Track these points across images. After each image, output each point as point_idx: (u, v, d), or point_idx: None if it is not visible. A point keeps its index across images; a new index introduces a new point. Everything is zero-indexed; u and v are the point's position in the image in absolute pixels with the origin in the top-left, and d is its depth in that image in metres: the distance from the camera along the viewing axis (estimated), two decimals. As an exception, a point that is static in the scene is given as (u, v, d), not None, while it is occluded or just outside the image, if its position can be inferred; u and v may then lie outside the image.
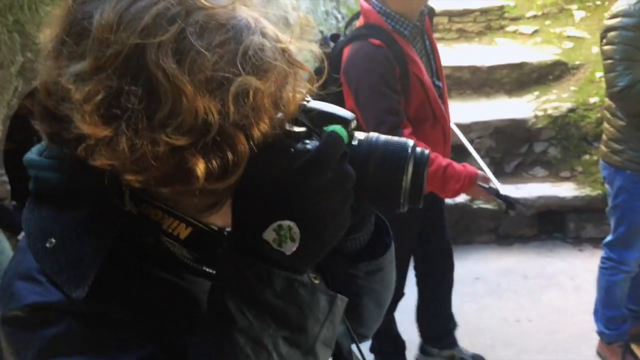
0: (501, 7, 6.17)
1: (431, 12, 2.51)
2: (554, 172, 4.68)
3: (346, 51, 2.33)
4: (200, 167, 0.65)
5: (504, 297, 3.64)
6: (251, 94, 0.66)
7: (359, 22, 2.43)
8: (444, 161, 2.34)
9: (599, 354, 3.09)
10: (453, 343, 3.00)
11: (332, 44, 2.45)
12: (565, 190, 4.40)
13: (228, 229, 0.78)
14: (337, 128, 0.71)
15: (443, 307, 2.97)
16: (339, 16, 5.25)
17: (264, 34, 0.68)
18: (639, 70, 2.54)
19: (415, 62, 2.33)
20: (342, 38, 2.48)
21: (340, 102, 2.38)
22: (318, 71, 0.81)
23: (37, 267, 0.71)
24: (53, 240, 0.71)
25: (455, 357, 2.97)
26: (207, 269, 0.78)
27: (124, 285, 0.72)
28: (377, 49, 2.25)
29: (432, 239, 2.83)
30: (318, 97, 0.77)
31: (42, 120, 0.71)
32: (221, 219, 0.76)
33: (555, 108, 4.76)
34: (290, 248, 0.67)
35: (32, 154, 0.79)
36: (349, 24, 2.68)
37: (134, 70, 0.63)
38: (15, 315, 0.69)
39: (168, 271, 0.76)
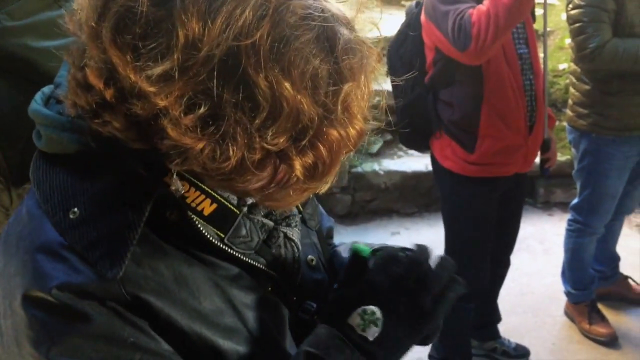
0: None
1: None
2: (525, 139, 4.73)
3: None
4: (298, 167, 0.63)
5: (476, 261, 3.71)
6: (350, 99, 0.64)
7: None
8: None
9: (566, 313, 3.18)
10: (495, 335, 2.88)
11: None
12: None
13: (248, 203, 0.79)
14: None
15: (490, 298, 2.82)
16: None
17: (338, 20, 0.64)
18: (606, 32, 2.57)
19: None
20: None
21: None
22: None
23: (60, 240, 0.66)
24: (76, 210, 0.66)
25: (498, 349, 2.87)
26: (230, 251, 0.75)
27: (155, 266, 0.68)
28: None
29: (500, 231, 2.54)
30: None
31: (87, 101, 0.64)
32: None
33: (526, 75, 4.79)
34: (373, 333, 0.75)
35: (39, 105, 0.73)
36: None
37: (232, 76, 0.58)
38: (43, 298, 0.64)
39: (188, 251, 0.72)
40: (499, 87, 2.20)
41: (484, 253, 2.48)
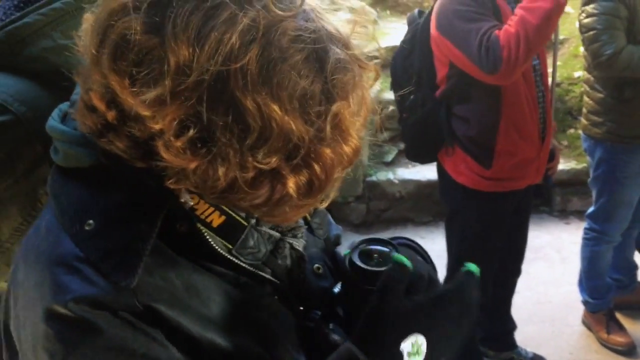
0: (486, -16, 6.14)
1: None
2: (540, 147, 4.71)
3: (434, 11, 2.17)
4: (292, 186, 0.64)
5: (492, 270, 3.69)
6: (341, 118, 0.64)
7: None
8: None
9: (584, 322, 3.15)
10: (512, 345, 2.84)
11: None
12: (551, 164, 4.44)
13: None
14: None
15: (502, 307, 2.79)
16: None
17: (332, 39, 0.64)
18: (620, 39, 2.57)
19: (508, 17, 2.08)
20: None
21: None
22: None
23: (75, 253, 0.68)
24: (92, 222, 0.68)
25: (515, 359, 2.82)
26: (238, 261, 0.77)
27: (165, 276, 0.70)
28: None
29: (509, 240, 2.54)
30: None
31: (93, 121, 0.67)
32: None
33: (540, 83, 4.77)
34: None
35: (56, 122, 0.75)
36: None
37: (221, 99, 0.59)
38: (61, 312, 0.66)
39: (197, 261, 0.74)
40: (516, 100, 2.17)
41: (490, 267, 2.45)
